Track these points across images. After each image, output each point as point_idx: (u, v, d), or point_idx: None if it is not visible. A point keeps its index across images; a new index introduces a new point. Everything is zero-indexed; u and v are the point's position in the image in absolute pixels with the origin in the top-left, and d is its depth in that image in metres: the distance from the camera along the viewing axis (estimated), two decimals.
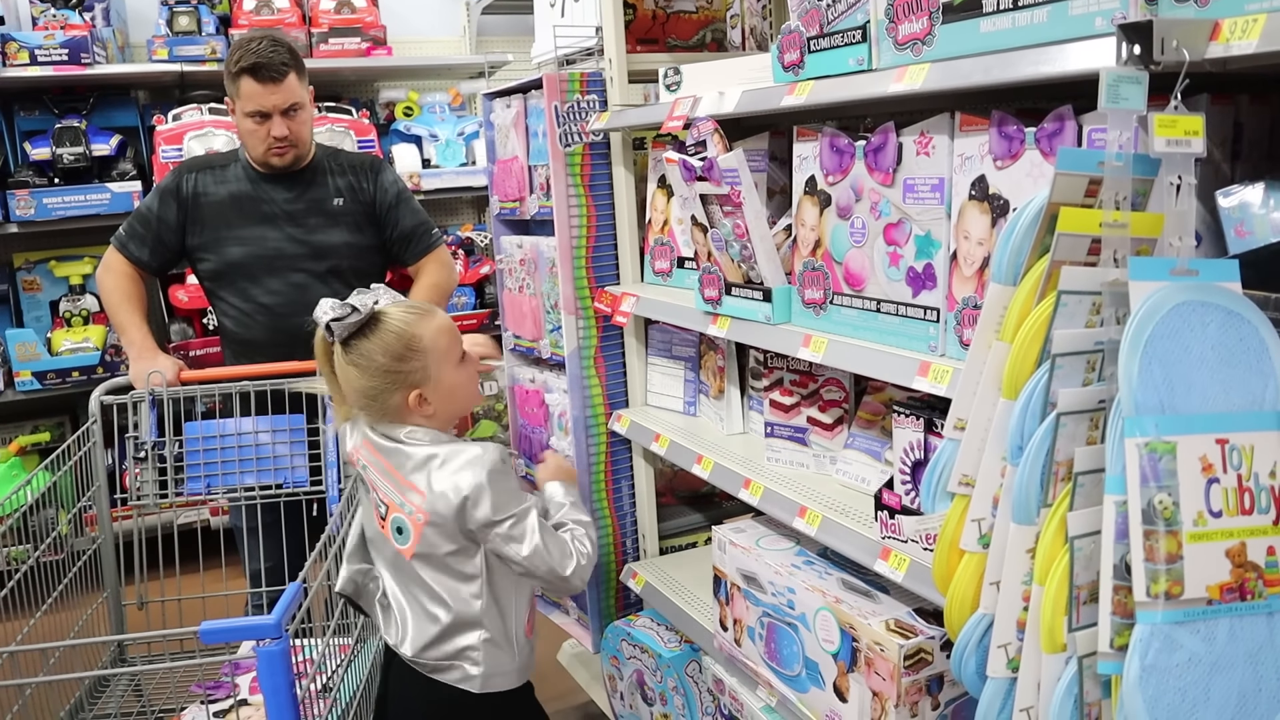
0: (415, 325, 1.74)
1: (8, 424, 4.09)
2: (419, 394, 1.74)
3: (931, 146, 1.61)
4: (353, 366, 1.73)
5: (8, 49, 3.68)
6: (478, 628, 1.76)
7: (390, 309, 1.75)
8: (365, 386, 1.73)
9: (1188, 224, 1.13)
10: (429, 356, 1.74)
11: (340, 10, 4.29)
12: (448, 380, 1.77)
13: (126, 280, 2.61)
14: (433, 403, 1.76)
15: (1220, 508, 1.05)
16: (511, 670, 1.83)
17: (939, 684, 1.73)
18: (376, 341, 1.72)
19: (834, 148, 1.81)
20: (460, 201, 4.88)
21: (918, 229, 1.65)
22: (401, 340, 1.72)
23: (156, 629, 2.40)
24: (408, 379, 1.73)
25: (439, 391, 1.76)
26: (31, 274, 4.14)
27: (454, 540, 1.72)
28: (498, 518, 1.70)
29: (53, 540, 2.17)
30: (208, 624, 1.39)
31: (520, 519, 1.72)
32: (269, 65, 2.49)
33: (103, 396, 2.42)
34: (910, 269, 1.67)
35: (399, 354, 1.71)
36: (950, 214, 1.60)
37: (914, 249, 1.67)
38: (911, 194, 1.65)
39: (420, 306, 1.80)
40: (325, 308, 1.72)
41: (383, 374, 1.72)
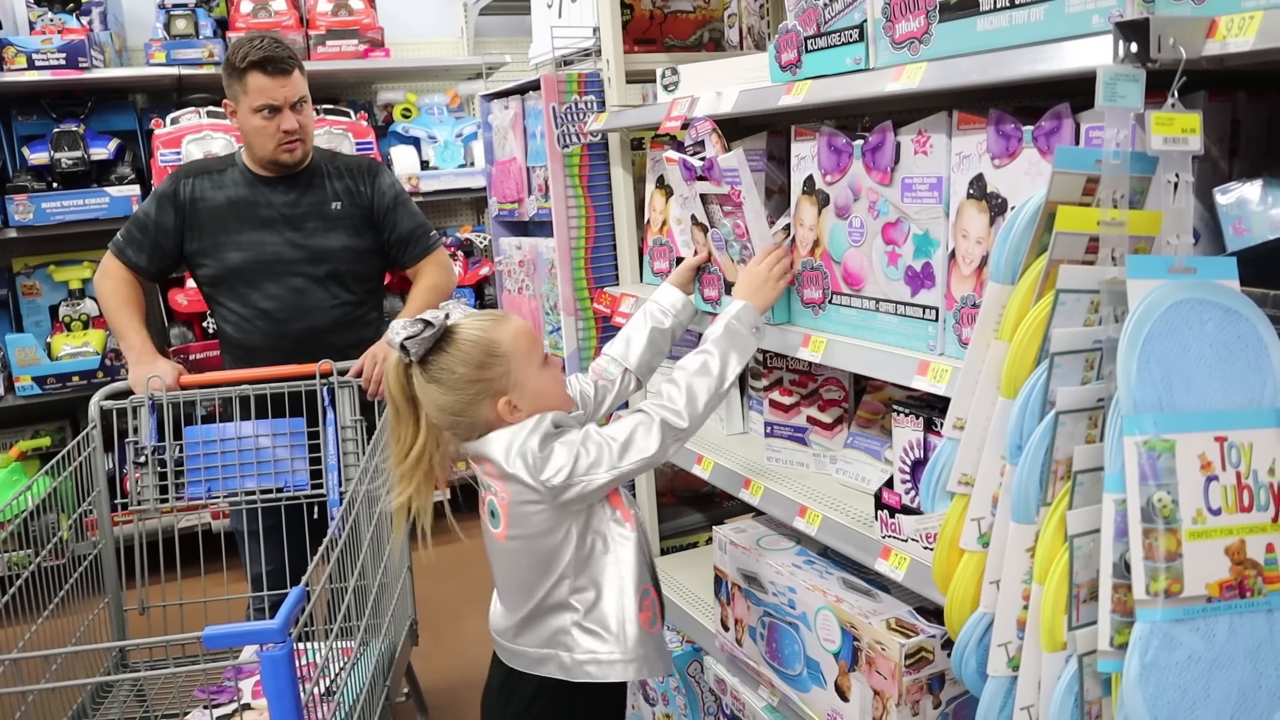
0: (492, 331, 1.67)
1: (8, 429, 4.09)
2: (507, 400, 1.66)
3: (929, 145, 1.61)
4: (434, 384, 1.65)
5: (5, 53, 3.68)
6: (568, 610, 1.69)
7: (462, 321, 1.69)
8: (450, 402, 1.65)
9: (1185, 222, 1.13)
10: (511, 361, 1.67)
11: (338, 12, 4.29)
12: (533, 383, 1.69)
13: (125, 285, 2.61)
14: (522, 409, 1.67)
15: (1219, 505, 1.05)
16: (615, 660, 1.69)
17: (940, 683, 1.73)
18: (455, 353, 1.65)
19: (832, 147, 1.81)
20: (459, 203, 4.88)
21: (916, 228, 1.65)
22: (480, 347, 1.65)
23: (158, 633, 2.40)
24: (493, 386, 1.65)
25: (526, 395, 1.67)
26: (31, 279, 4.14)
27: (540, 515, 1.65)
28: (568, 467, 1.61)
29: (54, 545, 2.17)
30: (211, 629, 1.39)
31: (584, 447, 1.62)
32: (277, 59, 2.49)
33: (103, 401, 2.42)
34: (909, 268, 1.68)
35: (480, 362, 1.65)
36: (949, 213, 1.61)
37: (912, 248, 1.67)
38: (910, 193, 1.65)
39: (493, 313, 1.74)
40: (396, 328, 1.65)
41: (466, 385, 1.65)
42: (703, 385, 1.70)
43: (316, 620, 1.98)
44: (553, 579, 1.68)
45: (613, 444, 1.63)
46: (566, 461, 1.60)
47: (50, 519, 2.20)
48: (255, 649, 1.47)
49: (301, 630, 1.51)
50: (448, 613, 3.60)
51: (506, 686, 1.79)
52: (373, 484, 2.11)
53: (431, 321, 1.63)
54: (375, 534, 2.16)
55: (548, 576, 1.68)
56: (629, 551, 1.70)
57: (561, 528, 1.66)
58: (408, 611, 2.49)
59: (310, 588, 1.63)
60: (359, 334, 2.68)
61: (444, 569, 3.99)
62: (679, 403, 1.68)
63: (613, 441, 1.63)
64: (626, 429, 1.65)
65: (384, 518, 2.27)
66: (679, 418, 1.67)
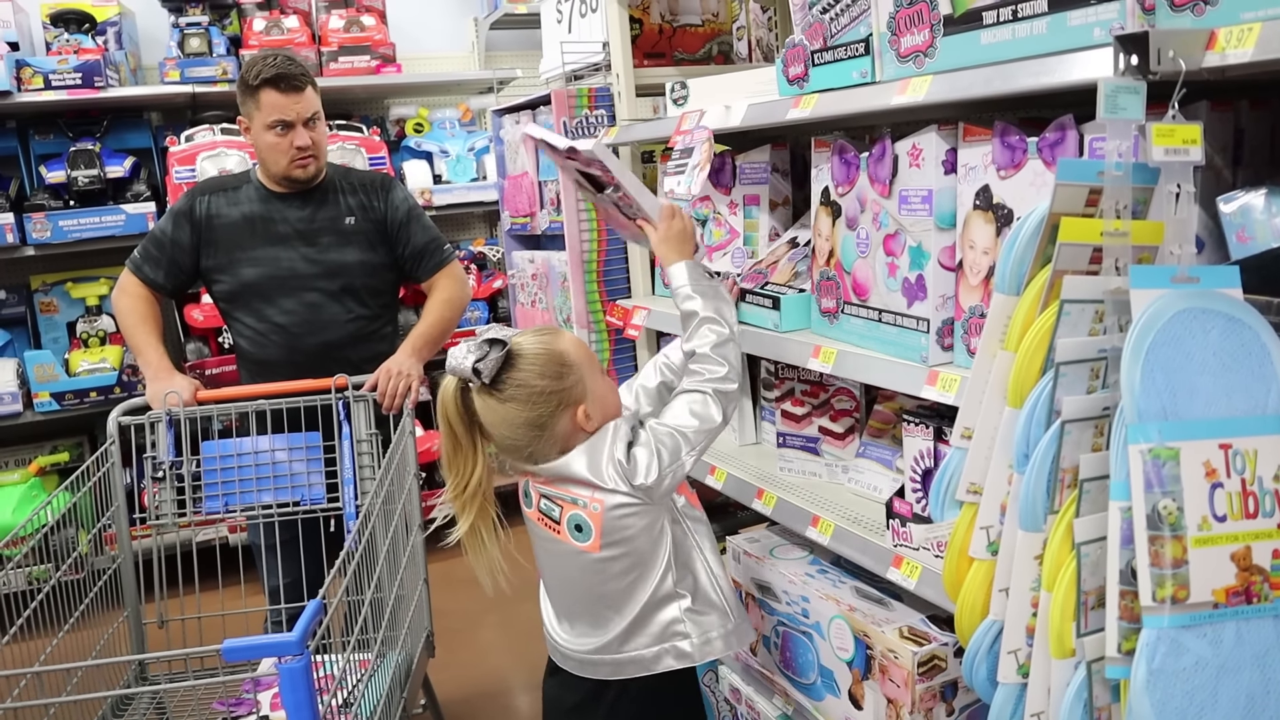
0: (555, 343, 1.70)
1: (27, 445, 4.13)
2: (585, 409, 1.68)
3: (922, 158, 1.62)
4: (510, 402, 1.65)
5: (23, 74, 3.72)
6: (675, 599, 1.73)
7: (520, 339, 1.70)
8: (531, 417, 1.66)
9: (1188, 231, 1.14)
10: (582, 369, 1.69)
11: (349, 29, 4.33)
12: (598, 390, 1.72)
13: (142, 302, 2.64)
14: (594, 417, 1.70)
15: (1225, 512, 1.06)
16: (730, 631, 1.77)
17: (953, 690, 1.74)
18: (529, 368, 1.65)
19: (842, 159, 1.83)
20: (472, 216, 4.91)
21: (911, 240, 1.67)
22: (553, 359, 1.67)
23: (177, 647, 2.42)
24: (571, 395, 1.67)
25: (596, 403, 1.70)
26: (48, 296, 4.18)
27: (637, 516, 1.68)
28: (657, 471, 1.64)
29: (74, 560, 2.19)
30: (230, 642, 1.41)
31: (667, 445, 1.67)
32: (290, 75, 2.52)
33: (121, 418, 2.45)
34: (905, 279, 1.69)
35: (556, 373, 1.66)
36: (937, 225, 1.62)
37: (908, 260, 1.68)
38: (905, 205, 1.67)
39: (546, 328, 1.76)
40: (461, 353, 1.66)
41: (546, 397, 1.65)
42: (725, 347, 1.74)
43: (334, 632, 2.00)
44: (656, 576, 1.72)
45: (682, 430, 1.68)
46: (651, 459, 1.65)
47: (70, 534, 2.23)
48: (274, 661, 1.49)
49: (319, 642, 1.53)
50: (465, 624, 3.61)
51: (595, 700, 1.81)
52: (388, 504, 2.13)
53: (501, 340, 1.65)
54: (392, 546, 2.18)
55: (650, 574, 1.72)
56: (705, 532, 1.78)
57: (657, 524, 1.71)
58: (424, 623, 2.50)
59: (327, 600, 1.65)
60: (374, 348, 2.70)
61: (461, 580, 4.00)
62: (719, 371, 1.72)
63: (681, 428, 1.68)
64: (685, 412, 1.70)
65: (400, 530, 2.29)
66: (727, 382, 1.72)
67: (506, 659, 3.35)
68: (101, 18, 4.08)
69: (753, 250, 2.31)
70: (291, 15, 4.32)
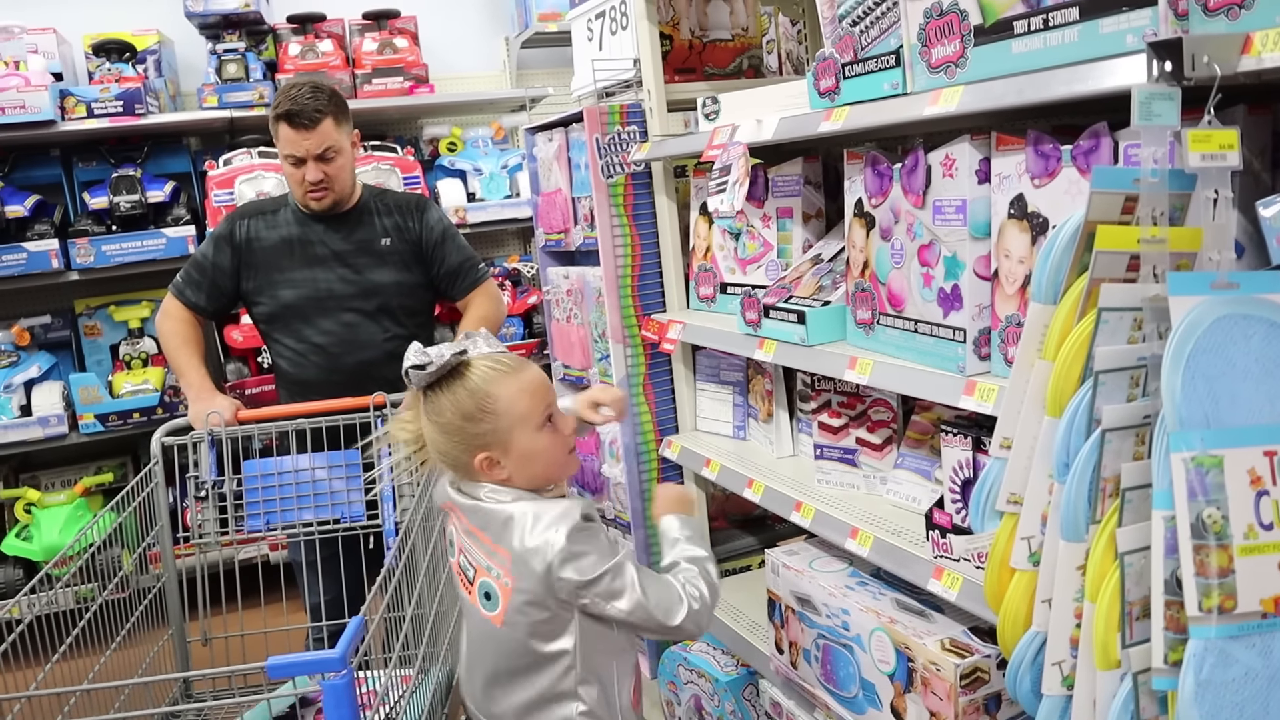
0: (493, 383, 1.60)
1: (73, 466, 4.19)
2: (487, 457, 1.60)
3: (955, 168, 1.62)
4: (428, 420, 1.63)
5: (67, 103, 3.80)
6: (573, 699, 1.60)
7: (477, 362, 1.62)
8: (438, 442, 1.63)
9: (1227, 237, 1.13)
10: (501, 420, 1.59)
11: (383, 51, 4.38)
12: (522, 445, 1.61)
13: (184, 325, 2.69)
14: (505, 467, 1.61)
15: (1271, 520, 1.05)
16: None
17: (996, 703, 1.72)
18: (449, 397, 1.60)
19: (875, 170, 1.83)
20: (506, 233, 4.94)
21: (945, 250, 1.67)
22: (474, 399, 1.59)
23: (220, 664, 2.45)
24: (475, 441, 1.60)
25: (511, 456, 1.61)
26: (92, 319, 4.25)
27: (545, 608, 1.56)
28: (588, 578, 1.53)
29: (119, 579, 2.22)
30: (274, 659, 1.42)
31: (615, 574, 1.54)
32: (302, 112, 2.55)
33: (164, 438, 2.48)
34: (940, 290, 1.69)
35: (469, 413, 1.59)
36: (972, 235, 1.62)
37: (943, 270, 1.68)
38: (940, 215, 1.67)
39: (508, 362, 1.65)
40: (411, 353, 1.61)
41: (453, 432, 1.60)
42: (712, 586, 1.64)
43: (376, 649, 2.01)
44: (557, 671, 1.60)
45: (641, 594, 1.55)
46: (592, 571, 1.53)
47: (115, 553, 2.26)
48: (317, 678, 1.50)
49: (361, 659, 1.54)
50: None
51: None
52: (427, 521, 2.14)
53: (434, 359, 1.58)
54: (431, 563, 2.19)
55: (549, 668, 1.60)
56: (625, 638, 1.65)
57: (569, 620, 1.58)
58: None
59: (369, 617, 1.66)
60: None
61: None
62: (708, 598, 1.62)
63: (643, 593, 1.55)
64: (659, 591, 1.58)
65: (439, 547, 2.31)
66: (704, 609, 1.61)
67: None
68: (141, 46, 4.16)
69: (787, 262, 2.31)
70: (326, 39, 4.38)
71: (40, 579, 1.98)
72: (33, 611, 1.85)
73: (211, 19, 4.17)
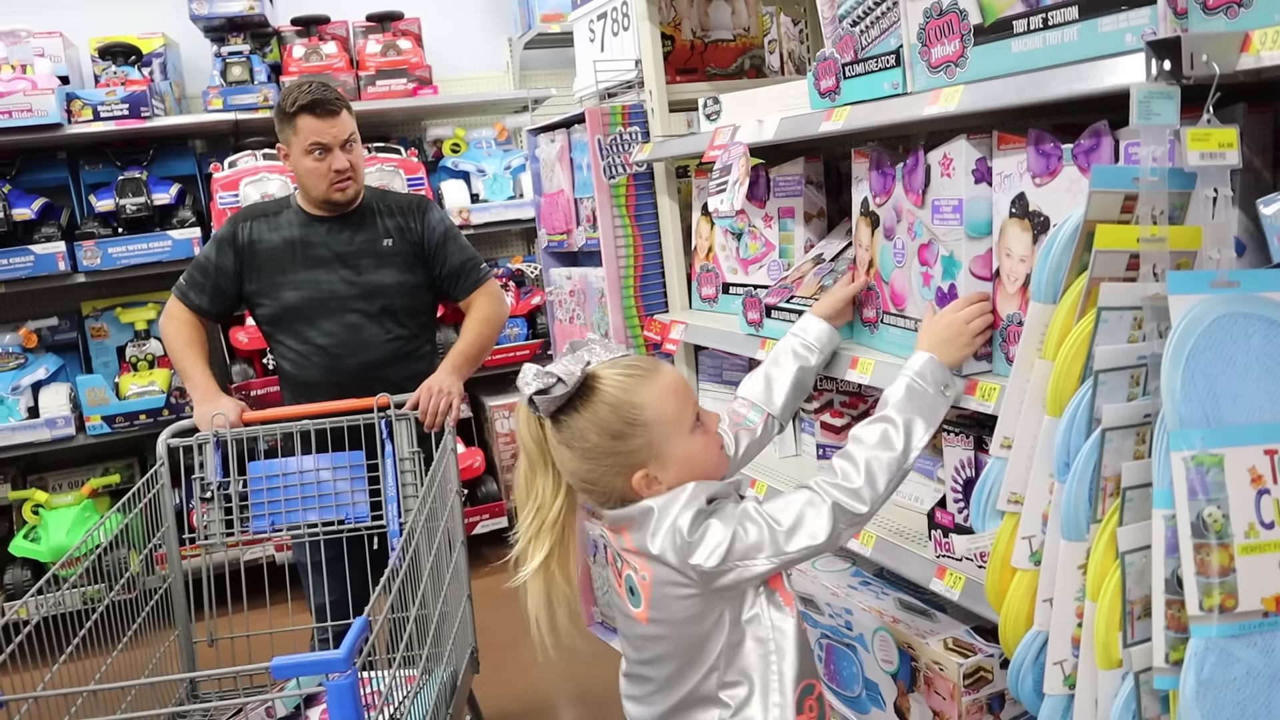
0: (633, 391, 1.43)
1: (80, 467, 4.21)
2: (645, 475, 1.43)
3: (952, 168, 1.61)
4: (565, 447, 1.45)
5: (73, 106, 3.81)
6: (715, 705, 1.45)
7: (604, 373, 1.44)
8: (582, 471, 1.45)
9: (1226, 236, 1.13)
10: (653, 430, 1.42)
11: (386, 53, 4.39)
12: (679, 454, 1.44)
13: (188, 327, 2.70)
14: (664, 481, 1.44)
15: (1272, 518, 1.05)
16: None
17: (1000, 702, 1.72)
18: (590, 418, 1.42)
19: (880, 170, 1.83)
20: (509, 234, 4.95)
21: (943, 249, 1.67)
22: (619, 413, 1.42)
23: (226, 664, 2.46)
24: (630, 460, 1.43)
25: (669, 469, 1.43)
26: (99, 321, 4.26)
27: (688, 601, 1.42)
28: (720, 555, 1.37)
29: (126, 580, 2.23)
30: (279, 660, 1.43)
31: (743, 529, 1.39)
32: (325, 101, 2.57)
33: (170, 440, 2.49)
34: (939, 289, 1.69)
35: (617, 431, 1.42)
36: (968, 234, 1.61)
37: (941, 269, 1.68)
38: (938, 215, 1.67)
39: (641, 365, 1.47)
40: (528, 377, 1.45)
41: (600, 456, 1.43)
42: (883, 461, 1.44)
43: (379, 649, 2.02)
44: (701, 671, 1.45)
45: (776, 527, 1.40)
46: (722, 542, 1.37)
47: (122, 554, 2.27)
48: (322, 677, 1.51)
49: (365, 659, 1.54)
50: (509, 639, 3.62)
51: None
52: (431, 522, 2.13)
53: (564, 378, 1.42)
54: (435, 563, 2.20)
55: (694, 668, 1.45)
56: (788, 641, 1.44)
57: (712, 614, 1.43)
58: (469, 639, 2.52)
59: (373, 618, 1.67)
60: (413, 367, 2.73)
61: (504, 596, 4.02)
62: (855, 481, 1.42)
63: (776, 524, 1.40)
64: (793, 510, 1.41)
65: (443, 547, 2.31)
66: (856, 500, 1.41)
67: (550, 674, 3.36)
68: (147, 49, 4.17)
69: (789, 262, 2.31)
70: (330, 41, 4.39)
71: (48, 579, 1.99)
72: (40, 612, 1.86)
73: (216, 22, 4.19)
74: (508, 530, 4.41)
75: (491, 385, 4.57)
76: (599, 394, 1.43)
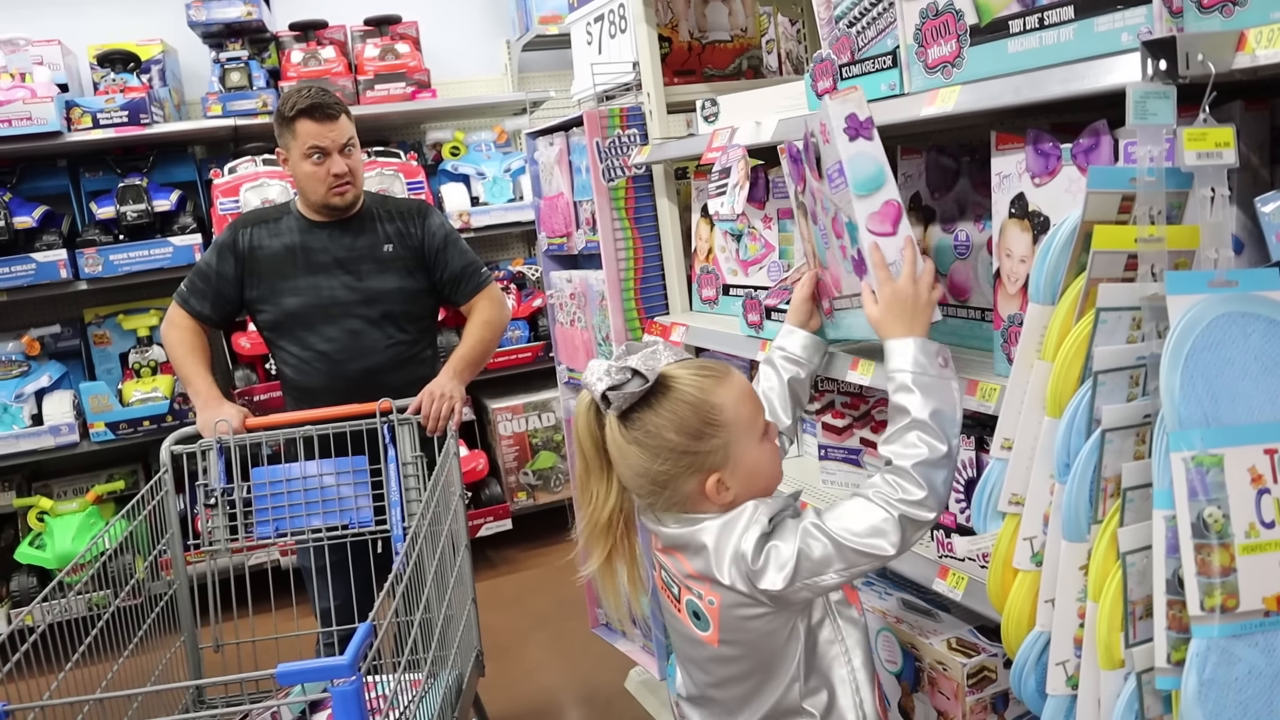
0: (711, 392, 1.41)
1: (84, 474, 4.22)
2: (719, 479, 1.41)
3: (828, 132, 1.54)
4: (636, 446, 1.40)
5: (72, 114, 3.83)
6: (799, 715, 1.45)
7: (678, 372, 1.42)
8: (653, 470, 1.41)
9: (1224, 235, 1.13)
10: (730, 432, 1.40)
11: (384, 57, 4.39)
12: (749, 460, 1.42)
13: (190, 334, 2.70)
14: (732, 489, 1.41)
15: (1273, 518, 1.05)
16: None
17: (1004, 701, 1.72)
18: (667, 414, 1.39)
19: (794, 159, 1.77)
20: (510, 236, 4.95)
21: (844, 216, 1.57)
22: (698, 412, 1.39)
23: (232, 670, 2.47)
24: (706, 460, 1.40)
25: (738, 475, 1.41)
26: (101, 328, 4.28)
27: (761, 620, 1.40)
28: (788, 576, 1.35)
29: (131, 586, 2.24)
30: (284, 666, 1.43)
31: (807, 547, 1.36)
32: (324, 105, 2.58)
33: (173, 446, 2.50)
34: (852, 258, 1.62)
35: (695, 430, 1.39)
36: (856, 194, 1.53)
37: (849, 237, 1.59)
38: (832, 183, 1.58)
39: (713, 367, 1.46)
40: (598, 373, 1.41)
41: (676, 455, 1.39)
42: (933, 463, 1.39)
43: (385, 654, 2.02)
44: (782, 684, 1.43)
45: (842, 541, 1.36)
46: (788, 562, 1.35)
47: (127, 560, 2.27)
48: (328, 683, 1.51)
49: (370, 664, 1.55)
50: (514, 641, 3.63)
51: None
52: (435, 525, 2.13)
53: (642, 373, 1.38)
54: (439, 567, 2.20)
55: (775, 682, 1.43)
56: (857, 638, 1.46)
57: (786, 627, 1.41)
58: (474, 642, 2.52)
59: (377, 622, 1.67)
60: (415, 372, 2.74)
61: (508, 598, 4.03)
62: (917, 494, 1.38)
63: (843, 539, 1.37)
64: (861, 522, 1.38)
65: (447, 551, 2.32)
66: (923, 509, 1.38)
67: (556, 676, 3.37)
68: (145, 56, 4.18)
69: (789, 263, 2.31)
70: (328, 46, 4.40)
71: (54, 587, 2.00)
72: (47, 619, 1.87)
73: (214, 28, 4.20)
74: (511, 533, 4.43)
75: (493, 388, 4.58)
76: (677, 392, 1.41)
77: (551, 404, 4.47)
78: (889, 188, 1.52)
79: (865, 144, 1.53)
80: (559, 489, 4.53)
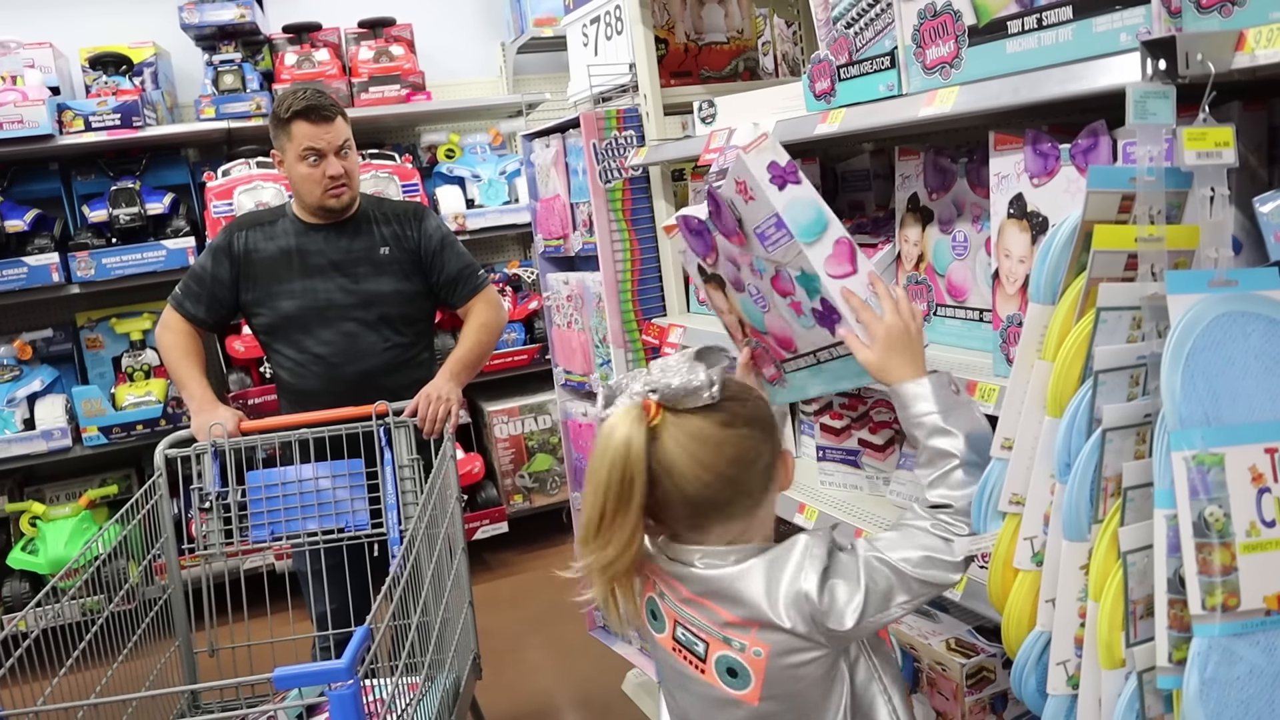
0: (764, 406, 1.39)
1: (77, 478, 4.21)
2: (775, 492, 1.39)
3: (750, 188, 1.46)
4: (726, 429, 1.32)
5: (64, 117, 3.81)
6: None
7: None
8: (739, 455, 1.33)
9: (1224, 235, 1.13)
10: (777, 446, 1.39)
11: (379, 59, 4.39)
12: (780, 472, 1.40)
13: (184, 337, 2.69)
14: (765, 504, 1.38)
15: (1273, 517, 1.05)
16: None
17: (1003, 702, 1.72)
18: (750, 403, 1.37)
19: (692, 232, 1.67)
20: (506, 239, 4.95)
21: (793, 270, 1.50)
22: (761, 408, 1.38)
23: (228, 674, 2.46)
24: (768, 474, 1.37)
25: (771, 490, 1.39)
26: (94, 332, 4.26)
27: (816, 663, 1.32)
28: (860, 612, 1.28)
29: (125, 591, 2.23)
30: (281, 670, 1.43)
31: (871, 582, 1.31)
32: (320, 106, 2.57)
33: (167, 450, 2.49)
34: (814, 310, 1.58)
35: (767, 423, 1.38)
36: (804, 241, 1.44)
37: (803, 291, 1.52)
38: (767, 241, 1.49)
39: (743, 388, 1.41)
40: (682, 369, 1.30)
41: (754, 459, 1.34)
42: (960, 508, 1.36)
43: (382, 657, 2.02)
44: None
45: (906, 571, 1.32)
46: (855, 597, 1.29)
47: (121, 565, 2.26)
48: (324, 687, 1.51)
49: (368, 668, 1.54)
50: (510, 644, 3.62)
51: None
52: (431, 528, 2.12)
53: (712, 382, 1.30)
54: (436, 570, 2.20)
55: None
56: (893, 674, 1.41)
57: (834, 669, 1.34)
58: (471, 645, 2.52)
59: (374, 626, 1.67)
60: (411, 375, 2.73)
61: (504, 601, 4.03)
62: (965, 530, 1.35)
63: (902, 569, 1.32)
64: (915, 551, 1.34)
65: (444, 554, 2.31)
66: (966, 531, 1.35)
67: (552, 678, 3.36)
68: (138, 59, 4.17)
69: None
70: (322, 49, 4.39)
71: (47, 592, 1.99)
72: (40, 625, 1.86)
73: (207, 30, 4.19)
74: (508, 535, 4.42)
75: (490, 391, 4.57)
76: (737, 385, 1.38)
77: (548, 406, 4.46)
78: (834, 226, 1.45)
79: (796, 189, 1.44)
80: (555, 492, 4.53)
